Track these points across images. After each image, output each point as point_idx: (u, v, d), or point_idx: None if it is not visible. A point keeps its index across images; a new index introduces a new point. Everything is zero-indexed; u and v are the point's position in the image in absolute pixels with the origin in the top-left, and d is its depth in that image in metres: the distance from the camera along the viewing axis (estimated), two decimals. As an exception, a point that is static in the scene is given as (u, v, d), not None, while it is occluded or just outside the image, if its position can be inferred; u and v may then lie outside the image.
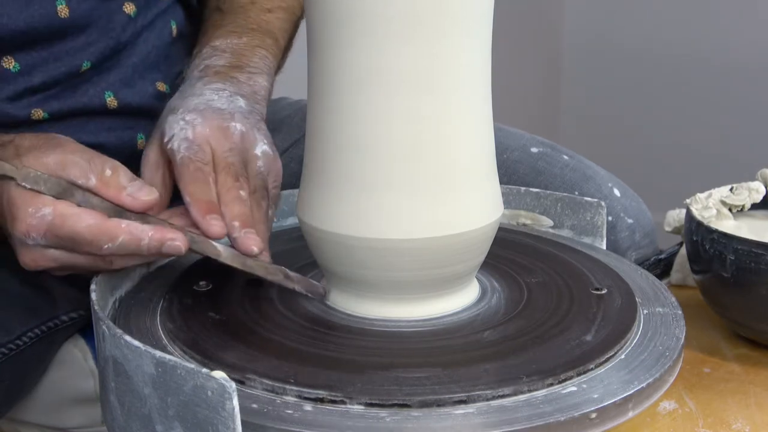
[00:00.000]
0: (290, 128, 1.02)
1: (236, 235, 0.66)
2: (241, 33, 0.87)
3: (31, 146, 0.69)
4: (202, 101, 0.75)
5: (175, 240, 0.65)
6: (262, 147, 0.73)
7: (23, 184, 0.66)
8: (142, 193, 0.67)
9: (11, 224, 0.67)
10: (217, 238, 0.66)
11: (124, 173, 0.68)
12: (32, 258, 0.69)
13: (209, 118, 0.73)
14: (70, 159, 0.67)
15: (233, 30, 0.88)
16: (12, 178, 0.66)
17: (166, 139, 0.72)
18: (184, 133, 0.71)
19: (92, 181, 0.66)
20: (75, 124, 0.84)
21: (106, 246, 0.65)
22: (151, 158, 0.74)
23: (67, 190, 0.66)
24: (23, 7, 0.78)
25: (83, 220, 0.65)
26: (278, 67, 0.91)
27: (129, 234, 0.65)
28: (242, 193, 0.68)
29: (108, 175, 0.67)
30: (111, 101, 0.86)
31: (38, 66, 0.81)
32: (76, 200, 0.66)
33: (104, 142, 0.85)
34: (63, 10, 0.80)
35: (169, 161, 0.73)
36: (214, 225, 0.66)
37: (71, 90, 0.84)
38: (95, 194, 0.66)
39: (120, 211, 0.67)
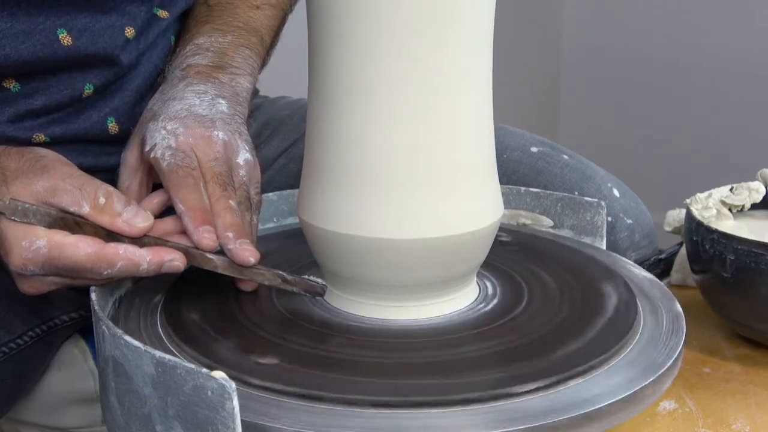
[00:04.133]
0: (290, 128, 1.02)
1: (231, 246, 0.66)
2: (225, 31, 0.86)
3: (18, 170, 0.67)
4: (184, 107, 0.74)
5: (173, 260, 0.65)
6: (244, 155, 0.72)
7: (12, 218, 0.65)
8: (138, 219, 0.66)
9: (6, 258, 0.66)
10: (208, 251, 0.66)
11: (117, 199, 0.66)
12: (31, 286, 0.68)
13: (191, 127, 0.72)
14: (60, 186, 0.66)
15: (218, 27, 0.87)
16: (1, 212, 0.65)
17: (147, 148, 0.71)
18: (166, 141, 0.71)
19: (85, 209, 0.65)
20: (76, 148, 0.84)
21: (105, 272, 0.64)
22: (129, 162, 0.74)
23: (58, 219, 0.65)
24: (25, 38, 0.77)
25: (81, 249, 0.64)
26: (262, 65, 0.91)
27: (127, 260, 0.64)
28: (232, 202, 0.68)
29: (102, 202, 0.65)
30: (113, 127, 0.85)
31: (40, 89, 0.81)
32: (68, 227, 0.65)
33: (104, 165, 0.85)
34: (65, 39, 0.79)
35: (148, 167, 0.73)
36: (206, 238, 0.65)
37: (74, 115, 0.83)
38: (88, 221, 0.65)
39: (114, 234, 0.66)
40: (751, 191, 0.80)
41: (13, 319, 0.81)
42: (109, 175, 0.76)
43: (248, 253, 0.65)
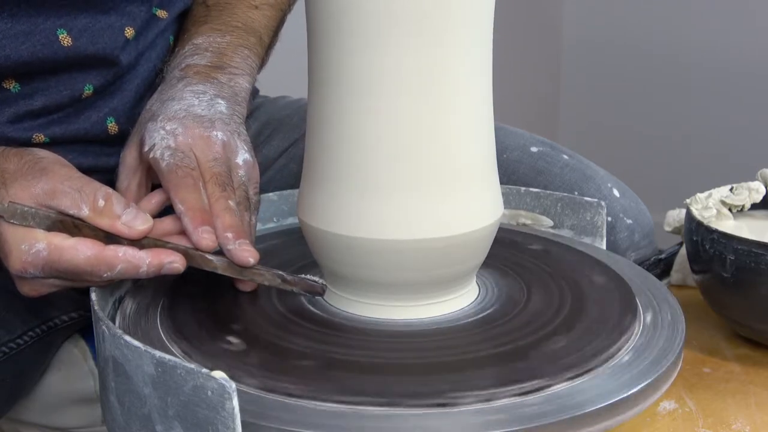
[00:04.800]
0: (290, 128, 1.02)
1: (231, 246, 0.65)
2: (224, 31, 0.86)
3: (17, 172, 0.67)
4: (182, 107, 0.74)
5: (173, 262, 0.65)
6: (243, 155, 0.72)
7: (12, 221, 0.65)
8: (138, 221, 0.66)
9: (6, 261, 0.67)
10: (207, 251, 0.66)
11: (117, 201, 0.66)
12: (32, 288, 0.68)
13: (190, 127, 0.72)
14: (59, 188, 0.66)
15: (217, 27, 0.87)
16: (0, 215, 0.65)
17: (146, 148, 0.71)
18: (165, 142, 0.71)
19: (84, 212, 0.65)
20: (76, 148, 0.83)
21: (105, 275, 0.64)
22: (128, 162, 0.74)
23: (57, 222, 0.65)
24: (25, 39, 0.77)
25: (80, 252, 0.64)
26: (261, 65, 0.90)
27: (127, 262, 0.64)
28: (231, 203, 0.68)
29: (101, 205, 0.65)
30: (112, 127, 0.85)
31: (40, 89, 0.81)
32: (67, 230, 0.65)
33: (104, 166, 0.84)
34: (65, 39, 0.79)
35: (147, 167, 0.73)
36: (205, 239, 0.65)
37: (74, 116, 0.83)
38: (88, 224, 0.65)
39: (113, 236, 0.65)
40: (751, 191, 0.80)
41: (13, 319, 0.82)
42: (109, 176, 0.76)
43: (247, 254, 0.65)
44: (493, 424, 0.54)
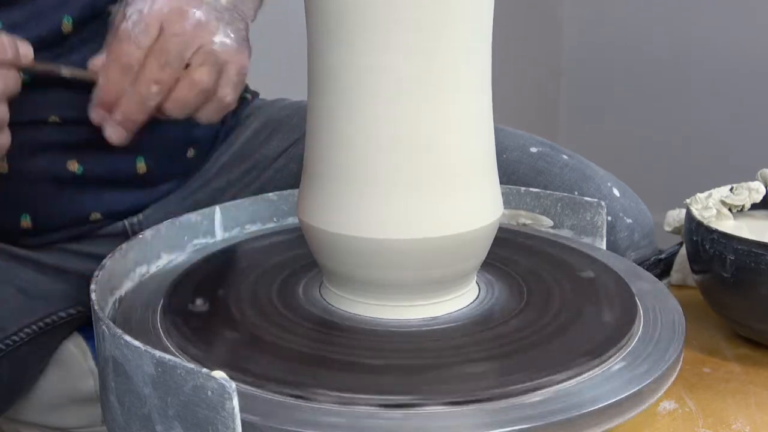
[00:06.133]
0: (289, 128, 1.02)
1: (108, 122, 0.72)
2: None
3: None
4: None
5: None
6: (220, 38, 0.72)
7: None
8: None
9: None
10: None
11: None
12: None
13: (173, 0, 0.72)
14: None
15: None
16: None
17: (128, 11, 0.72)
18: (140, 5, 0.71)
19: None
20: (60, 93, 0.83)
21: None
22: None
23: None
24: None
25: None
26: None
27: None
28: (154, 88, 0.71)
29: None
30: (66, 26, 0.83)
31: (19, 24, 0.79)
32: None
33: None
34: None
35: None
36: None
37: (57, 50, 0.82)
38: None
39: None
40: (751, 191, 0.80)
41: (9, 317, 0.81)
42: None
43: (113, 131, 0.72)
44: (492, 425, 0.54)
